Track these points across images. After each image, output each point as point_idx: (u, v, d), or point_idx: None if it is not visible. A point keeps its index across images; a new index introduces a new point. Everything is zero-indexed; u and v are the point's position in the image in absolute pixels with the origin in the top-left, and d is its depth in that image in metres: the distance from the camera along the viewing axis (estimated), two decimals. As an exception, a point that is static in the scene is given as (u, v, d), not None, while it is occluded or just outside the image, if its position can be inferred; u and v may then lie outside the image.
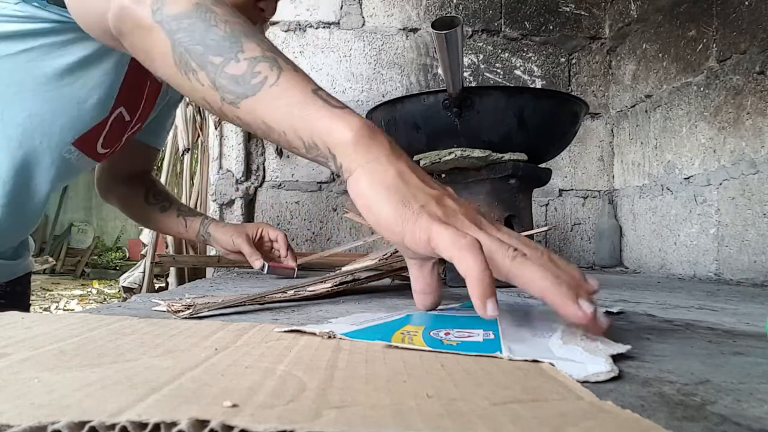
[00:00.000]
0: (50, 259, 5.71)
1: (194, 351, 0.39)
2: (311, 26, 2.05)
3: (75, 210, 7.35)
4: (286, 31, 2.04)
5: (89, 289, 4.55)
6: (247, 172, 2.00)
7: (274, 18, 0.87)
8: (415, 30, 2.08)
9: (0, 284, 0.90)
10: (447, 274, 1.15)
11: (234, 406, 0.25)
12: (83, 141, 0.78)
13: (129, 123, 0.86)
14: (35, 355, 0.36)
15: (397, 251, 1.06)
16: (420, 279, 0.52)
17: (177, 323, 0.52)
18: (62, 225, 7.21)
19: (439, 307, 0.64)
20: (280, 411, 0.25)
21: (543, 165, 1.25)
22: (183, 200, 2.10)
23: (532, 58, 2.12)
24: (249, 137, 2.02)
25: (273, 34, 2.03)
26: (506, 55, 2.11)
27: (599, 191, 2.14)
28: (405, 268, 1.06)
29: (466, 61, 2.08)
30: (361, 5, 2.07)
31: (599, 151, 2.15)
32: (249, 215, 2.01)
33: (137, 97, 0.85)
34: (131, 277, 2.25)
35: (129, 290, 2.21)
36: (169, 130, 1.13)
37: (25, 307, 0.98)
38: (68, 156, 0.78)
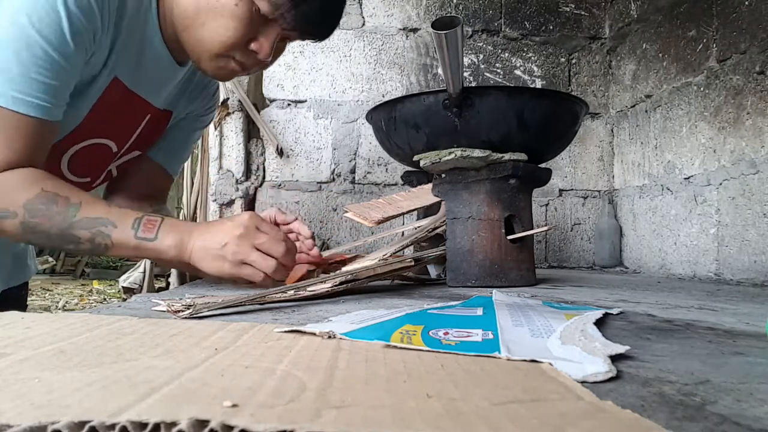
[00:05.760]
0: (50, 259, 5.71)
1: (194, 351, 0.39)
2: (311, 26, 2.04)
3: (75, 210, 7.40)
4: (286, 31, 2.04)
5: (89, 289, 4.55)
6: (247, 172, 2.00)
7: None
8: (415, 30, 2.08)
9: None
10: (447, 274, 1.15)
11: (234, 406, 0.25)
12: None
13: (116, 153, 0.86)
14: (35, 355, 0.36)
15: (397, 251, 1.06)
16: None
17: (177, 323, 0.52)
18: (62, 225, 7.25)
19: (439, 306, 0.65)
20: (280, 411, 0.25)
21: (543, 165, 1.25)
22: (183, 200, 2.11)
23: (532, 58, 2.12)
24: (249, 137, 2.02)
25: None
26: (506, 55, 2.11)
27: (599, 191, 2.15)
28: (405, 268, 1.06)
29: (466, 61, 2.08)
30: (361, 5, 2.07)
31: (599, 151, 2.15)
32: (249, 215, 2.01)
33: (125, 129, 0.84)
34: (131, 277, 2.25)
35: (129, 290, 2.21)
36: (183, 159, 1.07)
37: (21, 310, 0.98)
38: None
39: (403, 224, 1.75)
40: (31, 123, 0.65)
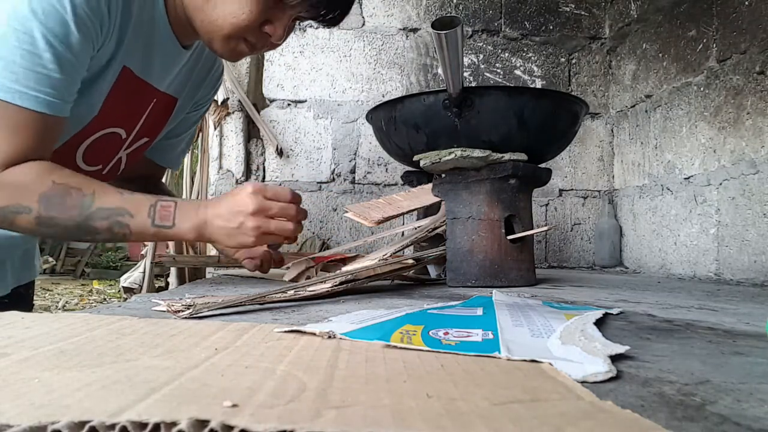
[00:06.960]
0: (50, 259, 5.72)
1: (194, 351, 0.39)
2: (311, 26, 2.04)
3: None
4: (286, 31, 2.03)
5: (89, 289, 4.55)
6: (247, 172, 2.00)
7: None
8: (415, 30, 2.08)
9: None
10: (447, 274, 1.15)
11: (234, 406, 0.25)
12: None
13: (125, 140, 0.85)
14: (35, 355, 0.36)
15: (397, 251, 1.06)
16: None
17: (177, 323, 0.52)
18: (62, 225, 7.24)
19: (439, 306, 0.65)
20: (280, 411, 0.25)
21: (543, 165, 1.25)
22: (183, 200, 2.11)
23: (532, 58, 2.12)
24: (249, 137, 2.02)
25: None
26: (506, 55, 2.11)
27: (599, 191, 2.15)
28: (405, 268, 1.06)
29: (466, 61, 2.08)
30: (361, 5, 2.07)
31: (599, 151, 2.15)
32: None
33: (133, 115, 0.84)
34: (131, 277, 2.25)
35: (129, 290, 2.21)
36: (182, 152, 1.07)
37: (28, 308, 0.98)
38: None
39: (403, 224, 1.75)
40: (36, 118, 0.64)
